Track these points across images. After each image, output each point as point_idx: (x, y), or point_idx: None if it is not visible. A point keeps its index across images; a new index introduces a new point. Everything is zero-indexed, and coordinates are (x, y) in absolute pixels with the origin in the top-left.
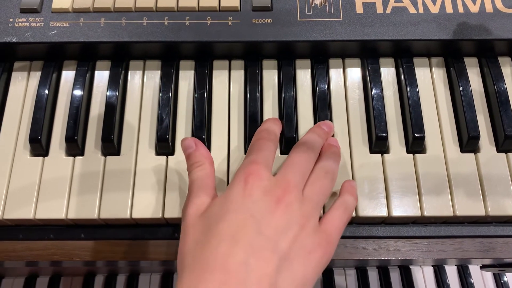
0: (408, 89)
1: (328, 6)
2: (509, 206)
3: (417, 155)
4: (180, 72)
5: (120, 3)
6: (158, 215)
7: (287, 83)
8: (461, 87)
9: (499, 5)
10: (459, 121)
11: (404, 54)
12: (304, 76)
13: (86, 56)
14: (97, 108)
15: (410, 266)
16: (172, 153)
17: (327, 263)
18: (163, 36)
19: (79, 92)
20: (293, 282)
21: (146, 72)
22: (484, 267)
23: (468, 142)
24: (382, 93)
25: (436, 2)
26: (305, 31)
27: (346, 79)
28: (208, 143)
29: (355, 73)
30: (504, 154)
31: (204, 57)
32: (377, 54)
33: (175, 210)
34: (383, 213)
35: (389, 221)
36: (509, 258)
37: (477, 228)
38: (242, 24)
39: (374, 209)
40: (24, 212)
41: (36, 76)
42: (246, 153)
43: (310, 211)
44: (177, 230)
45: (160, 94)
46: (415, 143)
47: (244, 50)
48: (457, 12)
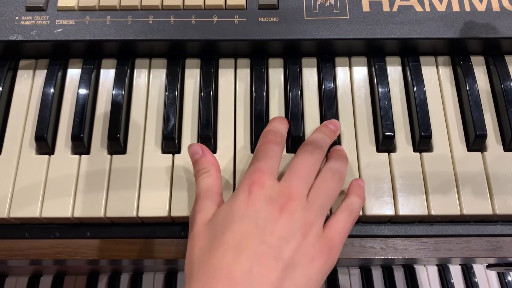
0: (415, 88)
1: (334, 5)
2: None
3: (424, 154)
4: (186, 70)
5: (126, 1)
6: (165, 213)
7: (293, 81)
8: (467, 86)
9: (506, 3)
10: (465, 119)
11: (411, 52)
12: (310, 75)
13: (92, 54)
14: (103, 107)
15: (414, 265)
16: (179, 152)
17: (331, 269)
18: (169, 35)
19: (85, 90)
20: None
21: (152, 70)
22: (490, 266)
23: (475, 141)
24: (389, 91)
25: (443, 1)
26: (311, 30)
27: (353, 77)
28: (214, 142)
29: (361, 72)
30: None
31: (210, 55)
32: (384, 52)
33: (182, 208)
34: (389, 212)
35: (395, 220)
36: None
37: (484, 227)
38: (248, 22)
39: (381, 208)
40: (30, 211)
41: (41, 75)
42: (252, 151)
43: (313, 218)
44: (184, 228)
45: (166, 93)
46: (422, 141)
47: (250, 48)
48: (464, 10)
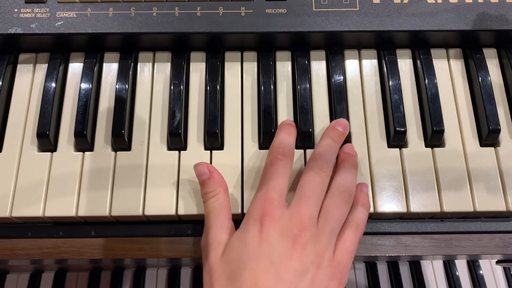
0: (426, 81)
1: None
2: None
3: (436, 149)
4: (191, 64)
5: None
6: (171, 212)
7: (302, 75)
8: (480, 79)
9: None
10: (478, 114)
11: (422, 45)
12: (319, 68)
13: (94, 48)
14: (106, 102)
15: (420, 260)
16: (185, 148)
17: None
18: (174, 27)
19: (87, 85)
20: None
21: (156, 64)
22: (499, 262)
23: (488, 136)
24: (400, 85)
25: None
26: (320, 22)
27: (362, 70)
28: (221, 138)
29: (371, 65)
30: None
31: (216, 48)
32: (394, 45)
33: (188, 206)
34: (401, 209)
35: (407, 216)
36: None
37: (497, 224)
38: (255, 14)
39: (392, 205)
40: (33, 210)
41: (42, 69)
42: (260, 147)
43: (324, 245)
44: (190, 226)
45: (171, 87)
46: (434, 136)
47: (257, 41)
48: (477, 1)
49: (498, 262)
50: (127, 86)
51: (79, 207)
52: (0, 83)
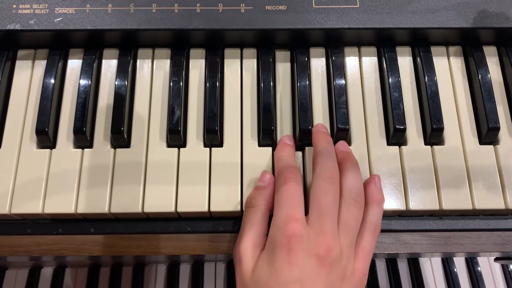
0: (426, 79)
1: None
2: None
3: (435, 147)
4: (190, 61)
5: None
6: (171, 209)
7: (301, 72)
8: (480, 76)
9: None
10: (478, 112)
11: (422, 42)
12: (319, 65)
13: (93, 44)
14: (105, 98)
15: (418, 257)
16: (184, 145)
17: None
18: (173, 24)
19: (86, 81)
20: None
21: (155, 61)
22: (497, 259)
23: (488, 134)
24: (400, 82)
25: None
26: (320, 19)
27: (362, 68)
28: (221, 135)
29: (371, 62)
30: None
31: (216, 45)
32: (394, 42)
33: (188, 203)
34: (400, 206)
35: (406, 214)
36: None
37: (495, 221)
38: (255, 11)
39: (391, 202)
40: (32, 207)
41: (41, 65)
42: (260, 145)
43: (347, 259)
44: (189, 223)
45: (171, 84)
46: (434, 134)
47: (257, 38)
48: None
49: (497, 259)
50: (126, 82)
51: (78, 204)
52: None
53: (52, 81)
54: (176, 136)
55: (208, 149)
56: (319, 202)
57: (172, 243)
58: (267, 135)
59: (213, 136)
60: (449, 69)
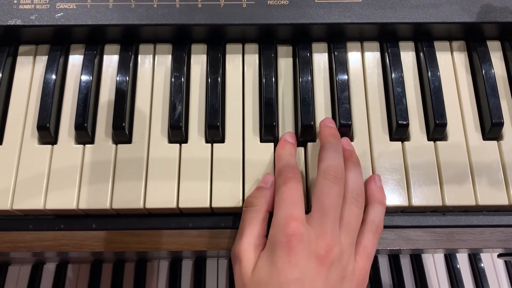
0: (429, 74)
1: None
2: None
3: (438, 143)
4: (192, 56)
5: None
6: (173, 205)
7: (303, 67)
8: (483, 71)
9: None
10: (481, 107)
11: (425, 37)
12: (321, 60)
13: (94, 39)
14: (106, 94)
15: (421, 253)
16: (186, 141)
17: None
18: (174, 19)
19: (87, 77)
20: None
21: (156, 56)
22: (501, 255)
23: (491, 129)
24: (403, 77)
25: None
26: (322, 13)
27: (365, 63)
28: (222, 131)
29: (374, 57)
30: None
31: (217, 40)
32: (397, 37)
33: (189, 199)
34: (403, 202)
35: (408, 210)
36: None
37: (499, 217)
38: (257, 6)
39: (394, 198)
40: (34, 203)
41: (42, 61)
42: (261, 141)
43: (347, 258)
44: (190, 219)
45: (172, 79)
46: (437, 130)
47: (258, 33)
48: None
49: (500, 255)
50: (127, 78)
51: (80, 200)
52: (0, 75)
53: (53, 76)
54: (177, 132)
55: (209, 145)
56: (323, 202)
57: (174, 239)
58: (269, 130)
59: (215, 132)
60: (452, 64)
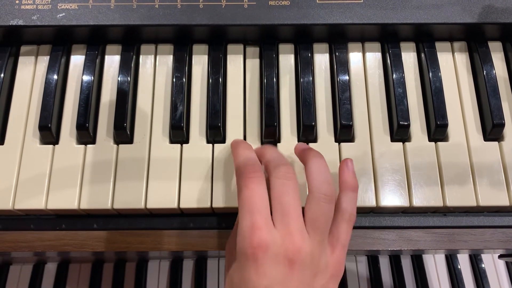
0: (431, 75)
1: None
2: None
3: (439, 144)
4: (193, 56)
5: None
6: (174, 205)
7: (305, 68)
8: (485, 72)
9: None
10: (482, 108)
11: (426, 38)
12: (322, 61)
13: (95, 40)
14: (108, 94)
15: (422, 254)
16: (187, 141)
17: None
18: (176, 19)
19: (89, 77)
20: None
21: (158, 56)
22: (502, 256)
23: (492, 130)
24: (404, 78)
25: None
26: (324, 14)
27: (366, 64)
28: (223, 132)
29: (375, 58)
30: None
31: (219, 41)
32: (398, 38)
33: (191, 199)
34: (404, 203)
35: (409, 210)
36: None
37: (500, 218)
38: (258, 6)
39: (395, 199)
40: (35, 203)
41: (44, 61)
42: (262, 142)
43: (319, 254)
44: (192, 220)
45: (173, 80)
46: (438, 131)
47: (260, 33)
48: None
49: (501, 256)
50: (129, 78)
51: (81, 200)
52: (2, 75)
53: (55, 77)
54: (179, 132)
55: (210, 145)
56: (281, 202)
57: (175, 239)
58: (270, 131)
59: (216, 132)
60: (453, 65)
